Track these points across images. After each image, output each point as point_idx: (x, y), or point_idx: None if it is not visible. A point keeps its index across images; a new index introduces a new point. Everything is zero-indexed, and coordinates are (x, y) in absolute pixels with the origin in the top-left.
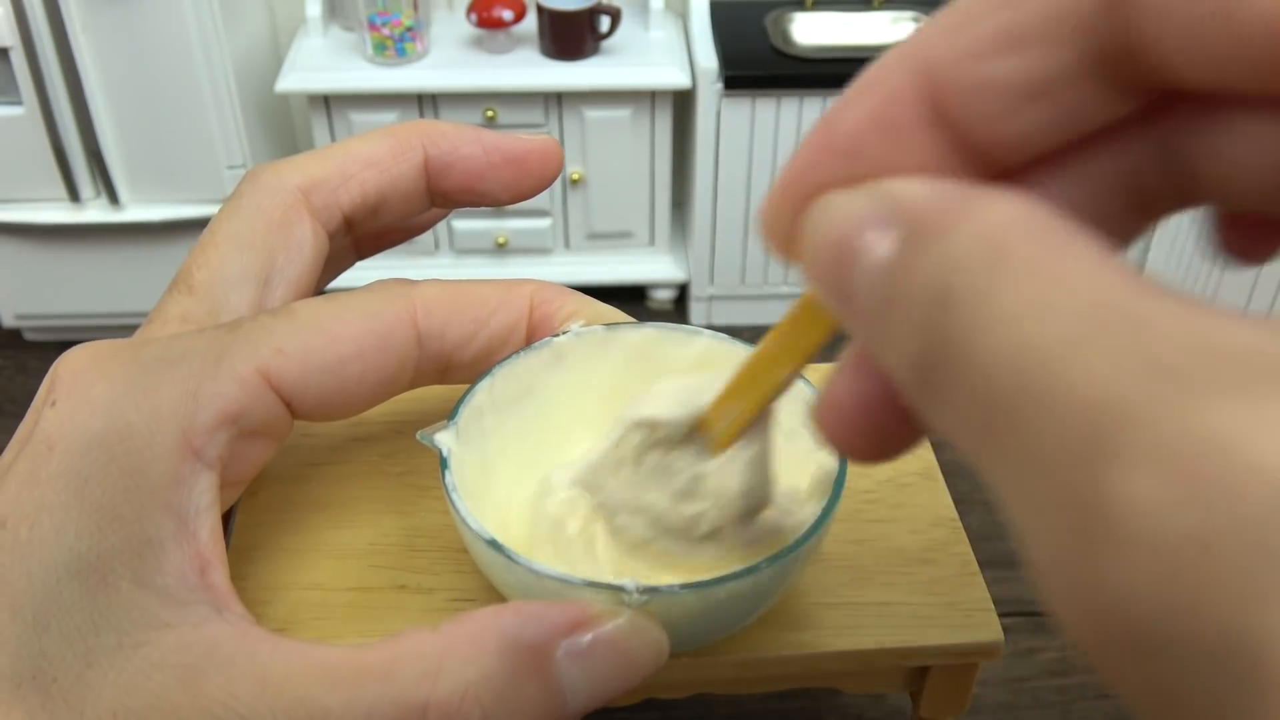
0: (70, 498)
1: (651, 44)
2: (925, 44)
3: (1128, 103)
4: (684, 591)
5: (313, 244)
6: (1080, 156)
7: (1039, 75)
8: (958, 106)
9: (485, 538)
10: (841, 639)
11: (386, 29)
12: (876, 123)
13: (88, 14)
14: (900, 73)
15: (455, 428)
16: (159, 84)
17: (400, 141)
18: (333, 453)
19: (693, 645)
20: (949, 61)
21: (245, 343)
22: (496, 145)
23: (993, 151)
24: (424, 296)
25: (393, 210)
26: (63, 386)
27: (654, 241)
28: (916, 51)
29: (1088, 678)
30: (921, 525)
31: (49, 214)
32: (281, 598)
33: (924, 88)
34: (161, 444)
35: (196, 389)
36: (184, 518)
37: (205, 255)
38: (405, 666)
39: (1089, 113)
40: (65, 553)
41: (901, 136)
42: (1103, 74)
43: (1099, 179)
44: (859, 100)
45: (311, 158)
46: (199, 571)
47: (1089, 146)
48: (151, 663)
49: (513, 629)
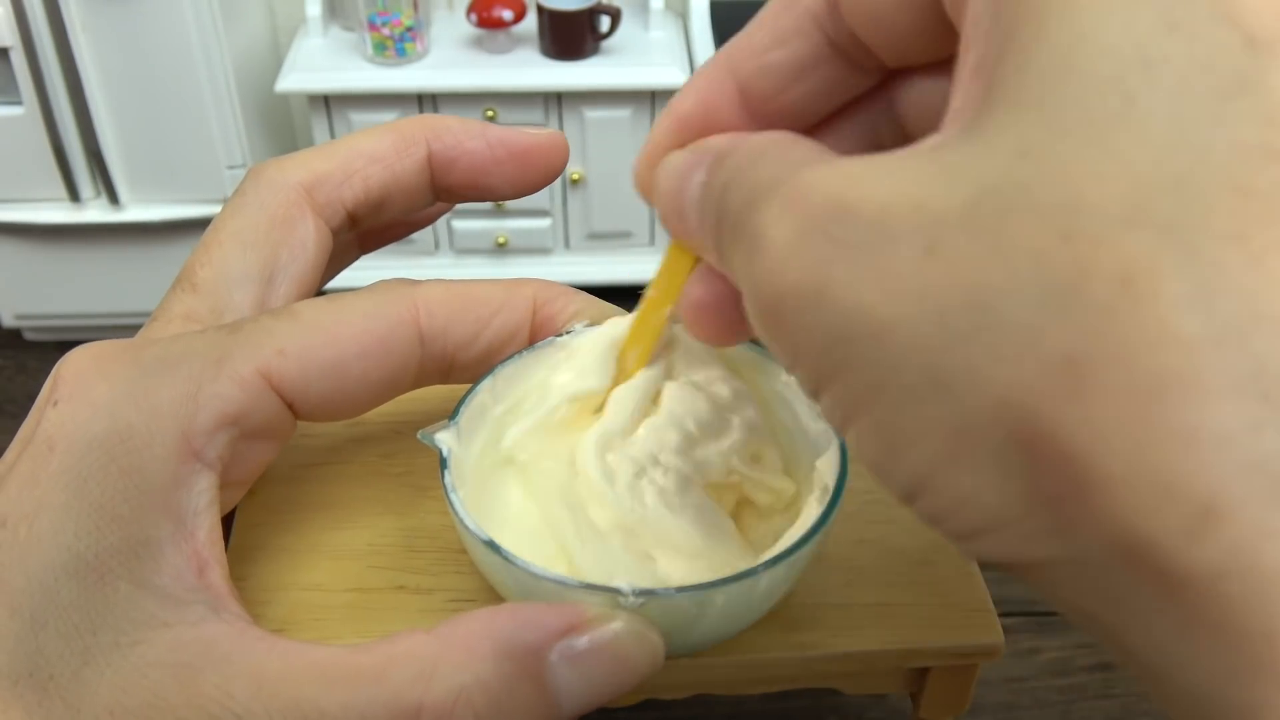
0: (70, 497)
1: (651, 44)
2: (731, 46)
3: (864, 78)
4: (680, 595)
5: (316, 240)
6: (843, 119)
7: (796, 62)
8: (750, 87)
9: (483, 539)
10: (841, 639)
11: (386, 29)
12: (701, 105)
13: (88, 14)
14: (715, 67)
15: (456, 427)
16: (159, 84)
17: (404, 137)
18: (332, 453)
19: (690, 649)
20: (743, 56)
21: (246, 344)
22: (501, 140)
23: (779, 119)
24: (426, 297)
25: (397, 205)
26: (65, 387)
27: (654, 241)
28: (726, 51)
29: (1088, 678)
30: (921, 525)
31: (49, 214)
32: (280, 598)
33: (730, 77)
34: (161, 444)
35: (197, 390)
36: (183, 518)
37: (209, 253)
38: (400, 668)
39: (838, 87)
40: (64, 552)
41: (718, 111)
42: (841, 57)
43: (857, 134)
44: (691, 89)
45: (315, 154)
46: (197, 571)
47: (848, 111)
48: (148, 661)
49: (507, 632)
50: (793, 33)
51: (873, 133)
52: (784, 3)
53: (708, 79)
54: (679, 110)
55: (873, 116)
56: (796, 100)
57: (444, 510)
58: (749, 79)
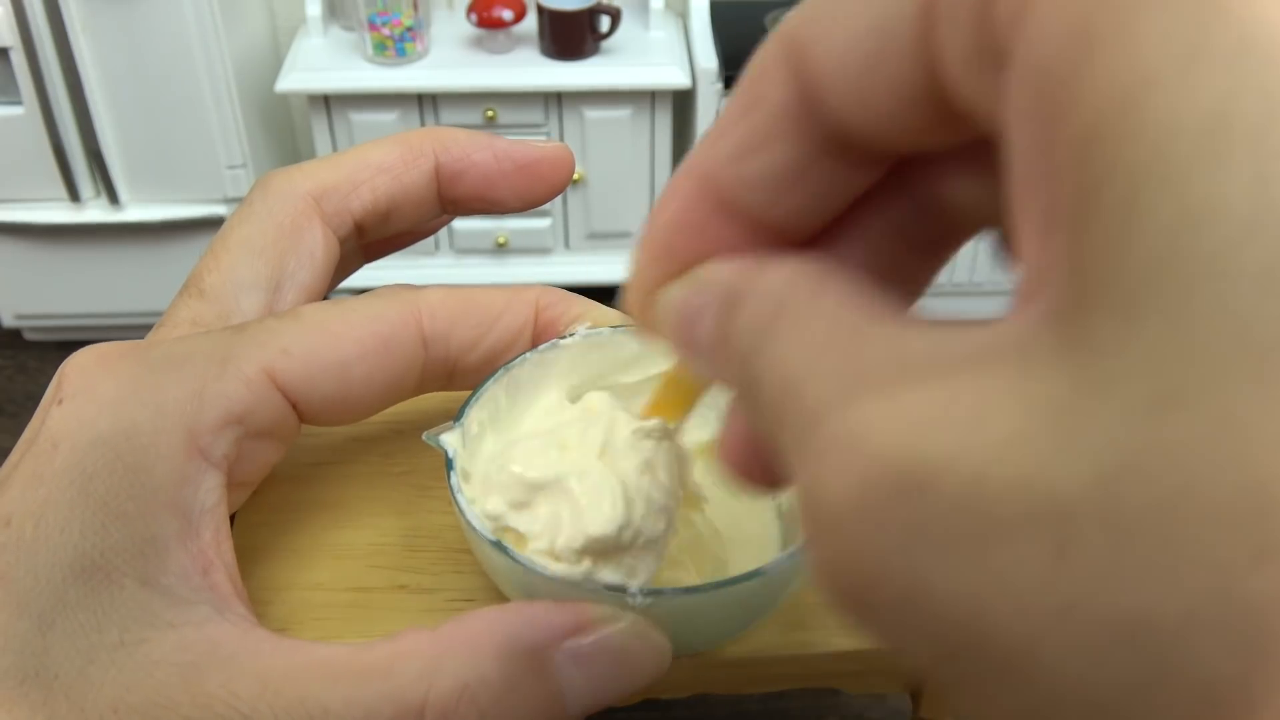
0: (75, 495)
1: (651, 44)
2: (699, 154)
3: (869, 171)
4: (687, 595)
5: (324, 250)
6: (856, 219)
7: (782, 167)
8: (734, 200)
9: (490, 539)
10: (841, 639)
11: (386, 29)
12: (679, 225)
13: (88, 14)
14: (687, 181)
15: (460, 428)
16: (159, 84)
17: (412, 148)
18: (334, 453)
19: (695, 649)
20: (717, 167)
21: (251, 344)
22: (508, 152)
23: (782, 229)
24: (429, 301)
25: (404, 217)
26: (70, 386)
27: None
28: (694, 161)
29: None
30: None
31: (49, 214)
32: (282, 598)
33: (707, 189)
34: (167, 443)
35: (202, 389)
36: (188, 517)
37: (216, 260)
38: (403, 666)
39: (838, 186)
40: (70, 551)
41: (702, 231)
42: (834, 155)
43: (876, 235)
44: (663, 209)
45: (323, 164)
46: (202, 571)
47: (860, 209)
48: (153, 660)
49: (512, 630)
50: (767, 138)
51: (898, 226)
52: (746, 105)
53: (679, 195)
54: (653, 234)
55: (893, 209)
56: (792, 209)
57: (445, 510)
58: (728, 192)
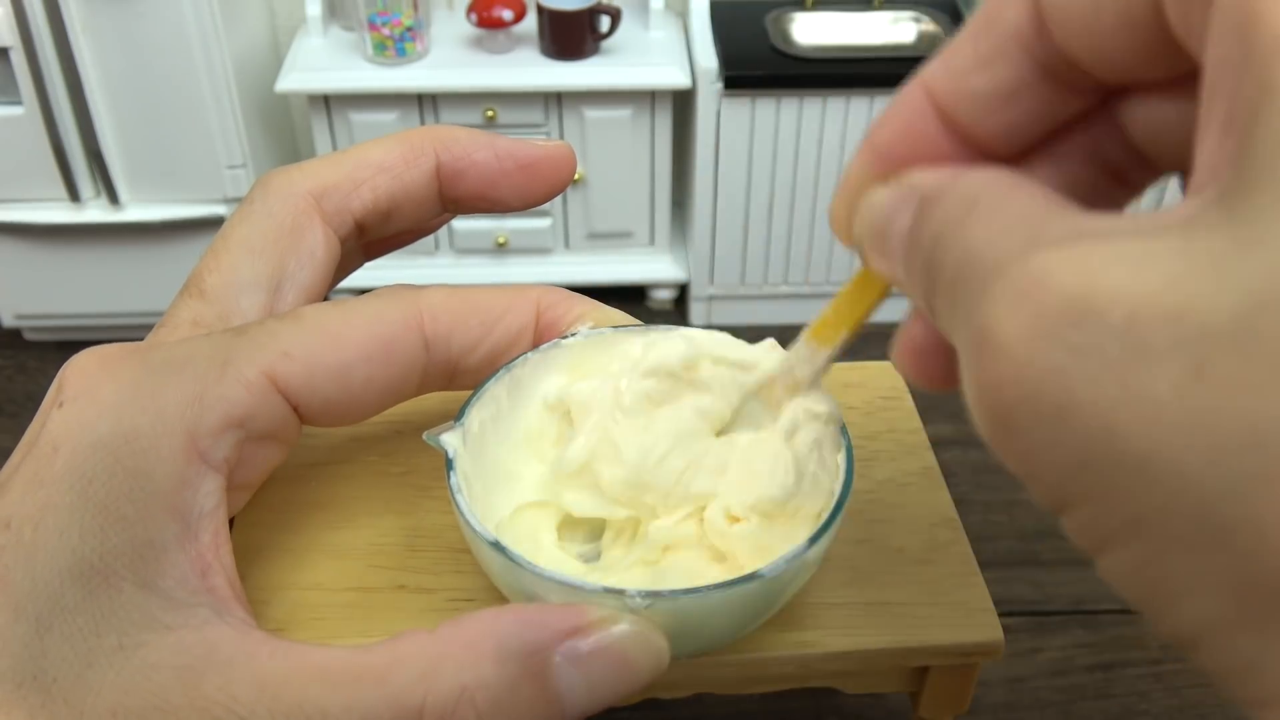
0: (75, 498)
1: (651, 44)
2: (929, 71)
3: (1080, 99)
4: (686, 597)
5: (324, 249)
6: (1059, 143)
7: (1003, 85)
8: (955, 114)
9: (489, 539)
10: (841, 639)
11: (386, 29)
12: (903, 133)
13: (88, 14)
14: (914, 93)
15: (461, 428)
16: (159, 84)
17: (412, 147)
18: (333, 453)
19: (694, 651)
20: (944, 82)
21: (251, 346)
22: (509, 151)
23: (990, 145)
24: (430, 302)
25: (405, 216)
26: (70, 389)
27: (654, 241)
28: (924, 77)
29: (1088, 678)
30: (921, 525)
31: (49, 214)
32: (281, 598)
33: (931, 102)
34: (167, 446)
35: (202, 392)
36: (188, 520)
37: (217, 260)
38: (402, 668)
39: (1050, 109)
40: (69, 554)
41: (921, 140)
42: (1052, 79)
43: (1077, 160)
44: (890, 117)
45: (323, 163)
46: (200, 574)
47: (1064, 135)
48: (151, 664)
49: (511, 632)
50: (995, 56)
51: (1098, 154)
52: (982, 24)
53: (907, 106)
54: (877, 140)
55: (1096, 137)
56: (1005, 126)
57: (445, 510)
58: (951, 105)
